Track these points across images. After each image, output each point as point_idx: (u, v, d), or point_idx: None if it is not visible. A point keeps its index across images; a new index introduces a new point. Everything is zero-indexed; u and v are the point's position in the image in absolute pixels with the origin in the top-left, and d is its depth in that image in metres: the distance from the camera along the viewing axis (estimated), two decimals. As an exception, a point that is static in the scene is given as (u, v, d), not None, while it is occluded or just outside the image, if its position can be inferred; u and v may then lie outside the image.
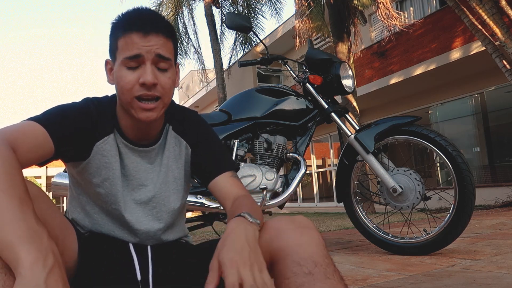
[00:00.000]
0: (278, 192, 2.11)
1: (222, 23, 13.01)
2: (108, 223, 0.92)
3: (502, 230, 2.67)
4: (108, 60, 0.89)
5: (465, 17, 5.44)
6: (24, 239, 0.58)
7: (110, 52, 0.88)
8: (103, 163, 0.89)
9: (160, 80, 0.83)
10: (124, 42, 0.83)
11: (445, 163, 1.85)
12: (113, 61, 0.87)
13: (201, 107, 20.15)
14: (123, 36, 0.83)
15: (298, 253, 0.72)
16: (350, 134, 2.10)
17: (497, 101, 8.26)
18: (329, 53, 2.28)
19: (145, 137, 0.92)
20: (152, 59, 0.82)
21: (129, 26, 0.83)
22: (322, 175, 13.70)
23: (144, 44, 0.81)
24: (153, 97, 0.83)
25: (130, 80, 0.82)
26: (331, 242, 2.73)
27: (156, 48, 0.82)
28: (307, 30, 8.53)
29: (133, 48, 0.81)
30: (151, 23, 0.83)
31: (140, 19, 0.84)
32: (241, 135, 2.19)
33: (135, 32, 0.82)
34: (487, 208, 5.51)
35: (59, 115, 0.83)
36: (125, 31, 0.83)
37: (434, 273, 1.51)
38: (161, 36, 0.84)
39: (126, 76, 0.82)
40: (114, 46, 0.85)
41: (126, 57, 0.82)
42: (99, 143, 0.88)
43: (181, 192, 0.99)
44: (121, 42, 0.83)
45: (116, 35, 0.85)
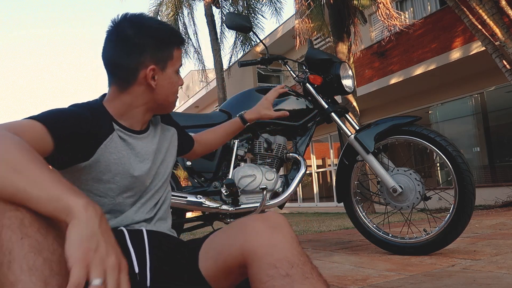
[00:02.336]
0: (278, 192, 2.11)
1: (222, 23, 13.01)
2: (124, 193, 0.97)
3: (502, 230, 2.67)
4: (154, 67, 0.95)
5: (465, 17, 5.44)
6: (71, 192, 0.62)
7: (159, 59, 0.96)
8: (112, 160, 0.93)
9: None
10: (178, 53, 1.01)
11: (445, 163, 1.85)
12: (162, 68, 0.97)
13: (201, 107, 20.15)
14: (177, 48, 1.01)
15: (272, 254, 0.71)
16: (350, 134, 2.10)
17: (497, 101, 8.26)
18: (329, 53, 2.28)
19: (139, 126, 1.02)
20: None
21: (182, 41, 1.03)
22: (322, 175, 13.71)
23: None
24: None
25: (179, 83, 1.04)
26: (331, 242, 2.73)
27: None
28: (307, 30, 8.53)
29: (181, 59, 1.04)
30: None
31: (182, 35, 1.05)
32: (241, 135, 2.19)
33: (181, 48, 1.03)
34: (487, 208, 5.51)
35: (57, 114, 0.86)
36: (180, 44, 1.02)
37: (434, 273, 1.51)
38: None
39: (177, 80, 1.03)
40: (168, 55, 0.98)
41: (180, 65, 1.03)
42: (106, 142, 0.92)
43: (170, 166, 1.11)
44: (176, 53, 1.01)
45: (170, 45, 0.99)
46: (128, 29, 0.94)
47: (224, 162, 2.20)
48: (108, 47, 0.96)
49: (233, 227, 0.83)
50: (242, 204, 2.06)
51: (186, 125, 2.19)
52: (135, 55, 0.93)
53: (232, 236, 0.79)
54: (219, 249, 0.83)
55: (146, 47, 0.94)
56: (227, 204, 2.06)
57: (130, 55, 0.93)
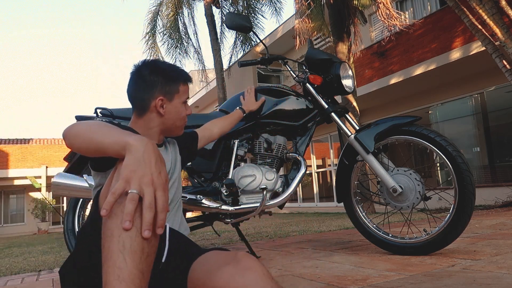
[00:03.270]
0: (278, 192, 2.11)
1: (222, 23, 13.01)
2: None
3: (502, 230, 2.67)
4: (162, 98, 1.25)
5: (465, 17, 5.44)
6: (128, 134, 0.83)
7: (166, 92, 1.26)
8: None
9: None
10: (185, 89, 1.30)
11: (445, 163, 1.85)
12: (169, 99, 1.27)
13: (201, 107, 20.15)
14: (184, 84, 1.30)
15: None
16: (350, 134, 2.10)
17: (497, 101, 8.26)
18: (329, 53, 2.27)
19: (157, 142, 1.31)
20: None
21: (188, 79, 1.32)
22: (322, 175, 13.70)
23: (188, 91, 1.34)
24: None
25: (185, 112, 1.31)
26: (331, 242, 2.73)
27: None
28: (307, 30, 8.52)
29: (187, 93, 1.32)
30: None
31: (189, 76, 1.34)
32: (241, 135, 2.19)
33: (188, 83, 1.32)
34: (487, 208, 5.51)
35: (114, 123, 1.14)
36: (185, 81, 1.31)
37: (434, 273, 1.51)
38: None
39: (184, 110, 1.31)
40: (175, 89, 1.28)
41: (186, 98, 1.32)
42: None
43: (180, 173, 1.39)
44: (182, 88, 1.29)
45: (177, 82, 1.28)
46: (144, 70, 1.25)
47: (224, 162, 2.20)
48: (130, 84, 1.28)
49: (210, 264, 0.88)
50: (242, 204, 2.06)
51: (186, 125, 2.19)
52: (148, 89, 1.24)
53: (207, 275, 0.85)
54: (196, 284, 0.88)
55: (156, 83, 1.24)
56: (227, 204, 2.06)
57: (144, 90, 1.24)
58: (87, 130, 0.90)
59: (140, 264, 0.70)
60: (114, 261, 0.69)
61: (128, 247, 0.70)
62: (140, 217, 0.72)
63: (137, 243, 0.70)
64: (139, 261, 0.70)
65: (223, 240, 3.48)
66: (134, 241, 0.70)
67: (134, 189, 0.72)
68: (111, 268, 0.69)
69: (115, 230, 0.71)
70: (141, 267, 0.70)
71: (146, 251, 0.72)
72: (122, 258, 0.69)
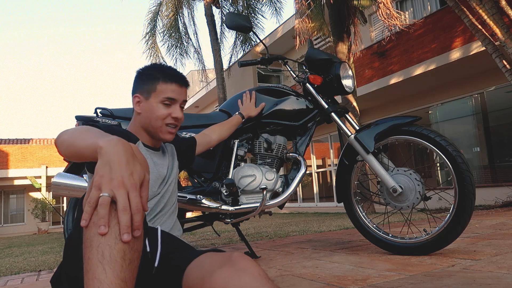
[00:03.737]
0: (278, 192, 2.11)
1: (222, 23, 13.01)
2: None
3: (502, 230, 2.67)
4: (139, 95, 1.28)
5: (465, 17, 5.44)
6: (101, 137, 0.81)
7: (144, 91, 1.27)
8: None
9: (182, 116, 1.29)
10: (164, 87, 1.25)
11: (445, 163, 1.85)
12: (146, 97, 1.26)
13: (201, 107, 20.15)
14: (164, 83, 1.25)
15: None
16: (350, 134, 2.10)
17: (497, 101, 8.26)
18: (329, 53, 2.27)
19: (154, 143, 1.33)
20: (180, 102, 1.29)
21: (170, 77, 1.26)
22: (322, 175, 13.70)
23: (179, 92, 1.28)
24: (176, 126, 1.29)
25: (165, 113, 1.25)
26: (331, 242, 2.73)
27: (184, 96, 1.30)
28: (307, 30, 8.52)
29: (172, 94, 1.26)
30: (185, 81, 1.31)
31: (178, 76, 1.29)
32: (241, 135, 2.19)
33: (174, 83, 1.27)
34: (487, 208, 5.51)
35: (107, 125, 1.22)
36: (166, 80, 1.26)
37: (434, 273, 1.51)
38: (186, 89, 1.32)
39: (162, 110, 1.25)
40: (152, 87, 1.26)
41: (166, 97, 1.25)
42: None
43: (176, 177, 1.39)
44: (161, 87, 1.25)
45: (155, 80, 1.26)
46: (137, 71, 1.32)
47: (224, 162, 2.20)
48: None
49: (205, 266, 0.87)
50: (242, 204, 2.06)
51: (186, 125, 2.19)
52: (133, 88, 1.31)
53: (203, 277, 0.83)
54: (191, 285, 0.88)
55: (137, 81, 1.30)
56: (227, 204, 2.06)
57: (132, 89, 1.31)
58: (70, 136, 0.91)
59: (122, 272, 0.68)
60: (93, 272, 0.67)
61: (107, 256, 0.68)
62: (118, 223, 0.70)
63: (116, 251, 0.68)
64: (120, 270, 0.68)
65: (223, 240, 3.48)
66: (113, 249, 0.68)
67: (105, 193, 0.70)
68: (91, 281, 0.67)
69: (94, 239, 0.69)
70: (123, 275, 0.68)
71: (128, 257, 0.70)
72: (102, 268, 0.67)
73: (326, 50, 11.71)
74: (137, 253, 0.73)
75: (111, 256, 0.68)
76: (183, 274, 0.92)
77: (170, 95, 1.25)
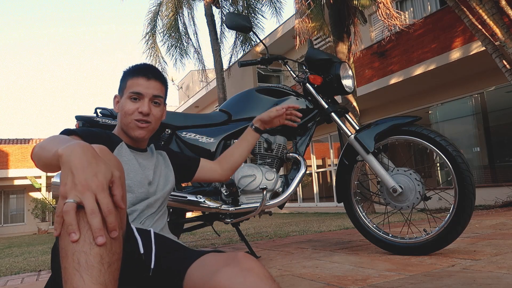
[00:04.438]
0: (278, 192, 2.11)
1: (222, 23, 13.00)
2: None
3: (502, 230, 2.67)
4: (117, 95, 1.28)
5: (465, 17, 5.44)
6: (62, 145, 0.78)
7: (119, 90, 1.26)
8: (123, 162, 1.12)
9: (153, 111, 1.23)
10: (131, 83, 1.22)
11: (445, 163, 1.85)
12: (121, 96, 1.25)
13: (201, 107, 20.14)
14: (132, 78, 1.22)
15: None
16: (350, 134, 2.10)
17: (497, 101, 8.26)
18: (329, 53, 2.27)
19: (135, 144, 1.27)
20: (150, 97, 1.22)
21: (137, 72, 1.22)
22: (322, 175, 13.70)
23: (146, 86, 1.21)
24: (146, 121, 1.21)
25: (132, 108, 1.20)
26: (331, 242, 2.73)
27: (154, 90, 1.22)
28: (307, 30, 8.52)
29: (138, 87, 1.21)
30: (153, 73, 1.24)
31: (145, 69, 1.23)
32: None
33: (141, 76, 1.21)
34: (487, 208, 5.51)
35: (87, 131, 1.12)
36: (133, 75, 1.22)
37: (434, 273, 1.51)
38: (158, 82, 1.24)
39: (129, 105, 1.21)
40: (124, 85, 1.24)
41: (132, 92, 1.20)
42: (116, 149, 1.18)
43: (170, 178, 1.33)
44: (129, 82, 1.22)
45: (126, 77, 1.24)
46: None
47: (224, 162, 2.19)
48: None
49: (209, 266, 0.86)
50: (242, 204, 2.06)
51: (186, 125, 2.19)
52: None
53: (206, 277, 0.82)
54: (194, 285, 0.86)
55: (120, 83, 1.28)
56: (227, 204, 2.06)
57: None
58: (39, 148, 0.90)
59: (101, 277, 0.67)
60: (71, 282, 0.66)
61: (83, 263, 0.66)
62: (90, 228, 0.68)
63: (93, 257, 0.67)
64: (99, 274, 0.66)
65: (223, 240, 3.48)
66: (89, 255, 0.67)
67: (70, 199, 0.68)
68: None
69: (68, 248, 0.67)
70: (102, 279, 0.67)
71: (107, 260, 0.68)
72: (79, 276, 0.65)
73: (326, 50, 11.71)
74: (117, 255, 0.71)
75: (87, 262, 0.66)
76: (184, 275, 0.90)
77: (135, 89, 1.20)
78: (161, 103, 1.25)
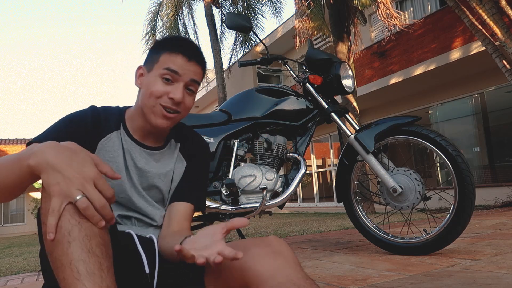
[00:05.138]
0: (278, 192, 2.11)
1: (222, 23, 13.00)
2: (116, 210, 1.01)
3: (502, 230, 2.67)
4: (142, 67, 1.03)
5: (465, 17, 5.44)
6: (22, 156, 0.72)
7: (147, 62, 1.03)
8: (107, 158, 0.99)
9: (185, 100, 1.00)
10: (167, 58, 0.98)
11: (445, 163, 1.85)
12: (148, 70, 1.01)
13: (201, 107, 20.14)
14: (169, 53, 0.98)
15: (276, 277, 0.70)
16: (350, 134, 2.10)
17: (497, 101, 8.26)
18: (329, 53, 2.28)
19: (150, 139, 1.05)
20: (186, 81, 0.99)
21: (177, 47, 0.99)
22: (322, 175, 13.70)
23: (185, 67, 0.98)
24: (175, 111, 0.99)
25: (161, 90, 0.97)
26: (331, 242, 2.73)
27: (194, 75, 1.00)
28: (307, 30, 8.52)
29: (174, 66, 0.97)
30: (196, 53, 1.01)
31: (187, 46, 1.01)
32: (241, 135, 2.19)
33: (181, 54, 0.98)
34: (487, 208, 5.51)
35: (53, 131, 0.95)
36: (172, 50, 0.99)
37: (434, 273, 1.51)
38: (198, 66, 1.01)
39: (159, 85, 0.97)
40: (155, 58, 1.00)
41: (167, 69, 0.97)
42: (103, 141, 1.00)
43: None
44: (164, 57, 0.98)
45: (160, 50, 1.00)
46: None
47: (224, 162, 2.20)
48: None
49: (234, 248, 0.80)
50: (242, 204, 2.06)
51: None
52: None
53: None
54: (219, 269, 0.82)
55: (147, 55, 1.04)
56: (227, 204, 2.06)
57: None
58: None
59: (103, 282, 0.65)
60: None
61: (83, 271, 0.63)
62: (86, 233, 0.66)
63: (92, 264, 0.65)
64: (101, 280, 0.64)
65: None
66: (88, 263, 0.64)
67: (78, 195, 0.65)
68: None
69: (63, 258, 0.64)
70: (105, 285, 0.65)
71: (105, 266, 0.67)
72: (82, 285, 0.63)
73: (326, 50, 11.71)
74: (110, 258, 0.70)
75: (88, 270, 0.64)
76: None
77: (172, 66, 0.97)
78: (195, 91, 1.04)
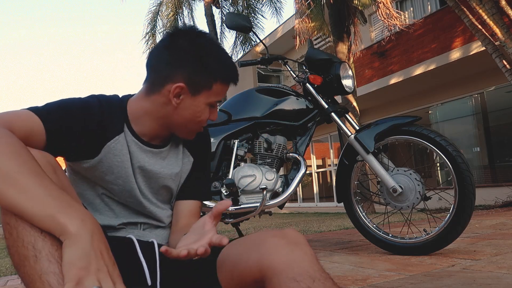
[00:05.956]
0: (278, 192, 2.11)
1: (222, 23, 13.01)
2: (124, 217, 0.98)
3: (502, 230, 2.67)
4: (183, 86, 0.90)
5: (465, 17, 5.44)
6: (65, 208, 0.62)
7: (193, 82, 0.91)
8: (115, 162, 0.93)
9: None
10: (221, 89, 0.94)
11: (445, 163, 1.85)
12: (193, 93, 0.92)
13: (201, 107, 20.15)
14: (222, 84, 0.94)
15: (293, 269, 0.69)
16: (350, 134, 2.10)
17: (497, 101, 8.26)
18: (329, 53, 2.27)
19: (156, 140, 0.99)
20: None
21: (231, 78, 0.96)
22: (322, 175, 13.70)
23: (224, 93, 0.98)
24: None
25: (207, 117, 0.96)
26: (331, 242, 2.73)
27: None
28: (307, 30, 8.53)
29: (222, 95, 0.96)
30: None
31: (236, 73, 0.97)
32: (241, 135, 2.19)
33: (232, 83, 0.97)
34: (487, 208, 5.51)
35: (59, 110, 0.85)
36: (227, 81, 0.95)
37: (434, 273, 1.51)
38: None
39: (206, 112, 0.95)
40: (206, 84, 0.92)
41: (216, 101, 0.95)
42: (110, 143, 0.91)
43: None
44: (217, 87, 0.93)
45: (213, 75, 0.92)
46: (184, 39, 0.92)
47: (224, 162, 2.20)
48: (158, 46, 0.95)
49: (249, 240, 0.80)
50: (242, 204, 2.06)
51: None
52: (172, 66, 0.91)
53: (249, 250, 0.77)
54: (234, 262, 0.80)
55: (187, 64, 0.91)
56: (227, 204, 2.05)
57: (168, 64, 0.91)
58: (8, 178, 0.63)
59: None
60: None
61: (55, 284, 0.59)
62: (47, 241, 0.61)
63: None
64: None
65: (223, 240, 3.46)
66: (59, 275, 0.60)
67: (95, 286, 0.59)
68: None
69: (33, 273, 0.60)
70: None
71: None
72: None
73: (326, 50, 11.71)
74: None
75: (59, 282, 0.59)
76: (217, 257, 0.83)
77: (220, 98, 0.97)
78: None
